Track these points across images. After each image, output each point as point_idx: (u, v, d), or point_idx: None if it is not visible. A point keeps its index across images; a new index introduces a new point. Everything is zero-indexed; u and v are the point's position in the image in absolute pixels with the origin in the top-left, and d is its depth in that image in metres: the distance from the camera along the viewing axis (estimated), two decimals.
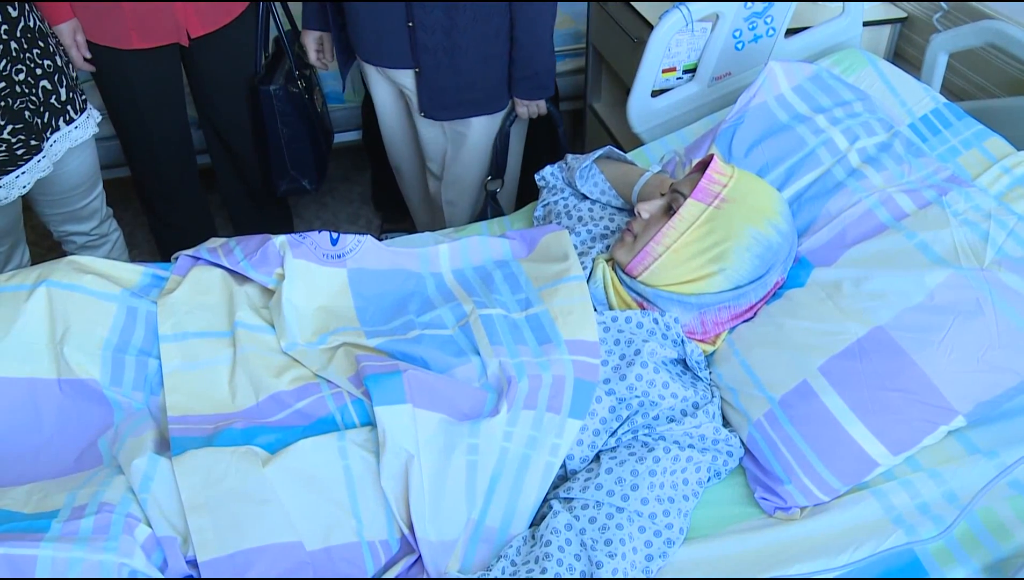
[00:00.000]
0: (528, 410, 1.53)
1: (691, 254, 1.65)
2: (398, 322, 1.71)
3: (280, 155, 2.91)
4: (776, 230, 1.66)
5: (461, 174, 2.73)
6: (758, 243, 1.64)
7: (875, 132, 1.93)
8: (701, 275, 1.66)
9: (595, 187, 2.04)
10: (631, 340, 1.62)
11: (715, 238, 1.64)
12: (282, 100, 2.79)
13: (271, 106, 2.78)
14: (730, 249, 1.63)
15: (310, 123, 2.92)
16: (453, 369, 1.58)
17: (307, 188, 3.02)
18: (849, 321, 1.55)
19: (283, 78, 2.80)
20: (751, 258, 1.64)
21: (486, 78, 2.47)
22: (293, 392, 1.57)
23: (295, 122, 2.86)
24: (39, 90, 2.16)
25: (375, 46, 2.48)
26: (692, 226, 1.65)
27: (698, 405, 1.59)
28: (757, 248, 1.64)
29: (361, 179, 4.01)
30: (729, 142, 1.99)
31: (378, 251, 1.84)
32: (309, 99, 2.89)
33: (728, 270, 1.64)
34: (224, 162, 3.03)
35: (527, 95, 2.53)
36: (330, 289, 1.78)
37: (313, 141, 2.96)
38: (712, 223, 1.64)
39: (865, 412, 1.48)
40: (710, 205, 1.65)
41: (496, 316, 1.66)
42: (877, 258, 1.64)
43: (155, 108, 2.68)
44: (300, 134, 2.90)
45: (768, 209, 1.67)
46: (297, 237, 1.80)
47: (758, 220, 1.65)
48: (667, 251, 1.66)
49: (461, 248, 1.90)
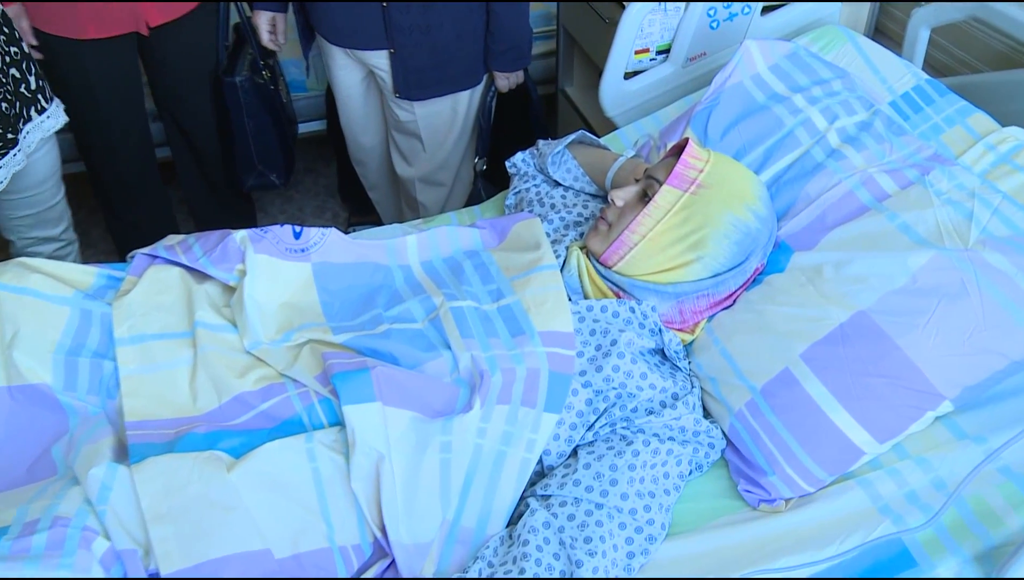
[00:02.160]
0: (502, 405, 1.53)
1: (668, 242, 1.65)
2: (366, 317, 1.70)
3: (246, 149, 2.88)
4: (755, 215, 1.65)
5: (448, 157, 2.73)
6: (737, 229, 1.64)
7: (855, 111, 1.93)
8: (678, 264, 1.65)
9: (568, 173, 2.03)
10: (607, 330, 1.62)
11: (692, 225, 1.63)
12: (247, 91, 2.76)
13: (236, 98, 2.75)
14: (708, 236, 1.63)
15: (276, 114, 2.89)
16: (423, 364, 1.57)
17: (275, 183, 2.99)
18: (831, 306, 1.55)
19: (247, 68, 2.76)
20: (730, 245, 1.64)
21: (462, 54, 2.48)
22: (258, 393, 1.55)
23: (261, 114, 2.83)
24: (9, 78, 2.12)
25: (346, 27, 2.46)
26: (668, 213, 1.64)
27: (677, 396, 1.59)
28: (736, 234, 1.64)
29: (327, 171, 3.99)
30: (704, 124, 1.98)
31: (344, 244, 1.83)
32: (275, 89, 2.86)
33: (706, 258, 1.64)
34: (185, 156, 2.99)
35: (507, 67, 2.55)
36: (294, 284, 1.76)
37: (280, 133, 2.93)
38: (689, 210, 1.64)
39: (849, 399, 1.48)
40: (686, 191, 1.65)
41: (467, 308, 1.65)
42: (858, 241, 1.64)
43: (112, 100, 2.63)
44: (266, 126, 2.87)
45: (746, 193, 1.66)
46: (259, 232, 1.78)
47: (736, 205, 1.64)
48: (643, 240, 1.66)
49: (430, 239, 1.90)
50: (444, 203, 2.87)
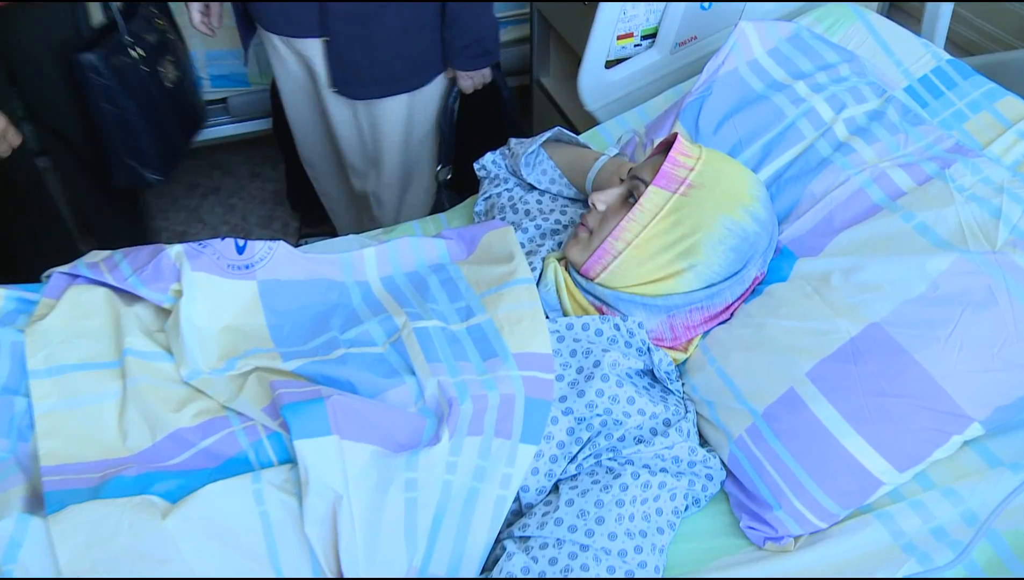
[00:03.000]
0: (473, 436, 1.52)
1: (656, 250, 1.65)
2: (319, 341, 1.69)
3: (110, 139, 2.78)
4: (753, 218, 1.65)
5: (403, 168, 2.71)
6: (732, 234, 1.64)
7: (865, 99, 1.93)
8: (668, 273, 1.65)
9: (543, 175, 2.04)
10: (589, 350, 1.62)
11: (683, 230, 1.63)
12: (104, 72, 2.65)
13: (88, 79, 2.64)
14: (700, 242, 1.63)
15: (150, 101, 2.78)
16: (385, 392, 1.57)
17: (150, 180, 2.89)
18: (840, 318, 1.55)
19: (109, 46, 2.66)
20: (725, 251, 1.64)
21: (409, 51, 2.43)
22: (197, 429, 1.54)
23: (124, 99, 2.72)
24: None
25: (278, 11, 2.42)
26: (656, 217, 1.64)
27: (670, 422, 1.58)
28: (731, 240, 1.64)
29: (274, 175, 4.00)
30: (695, 117, 1.99)
31: (293, 259, 1.82)
32: (151, 73, 2.76)
33: (699, 266, 1.64)
34: (62, 156, 2.92)
35: (469, 65, 2.51)
36: (238, 305, 1.75)
37: (155, 123, 2.83)
38: (679, 213, 1.64)
39: (863, 422, 1.47)
40: (675, 192, 1.65)
41: (432, 329, 1.65)
42: (870, 244, 1.64)
43: None
44: (132, 114, 2.76)
45: (742, 194, 1.66)
46: (197, 246, 1.77)
47: (731, 207, 1.64)
48: (628, 247, 1.66)
49: (390, 252, 1.89)
50: (399, 215, 2.86)
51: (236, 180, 4.00)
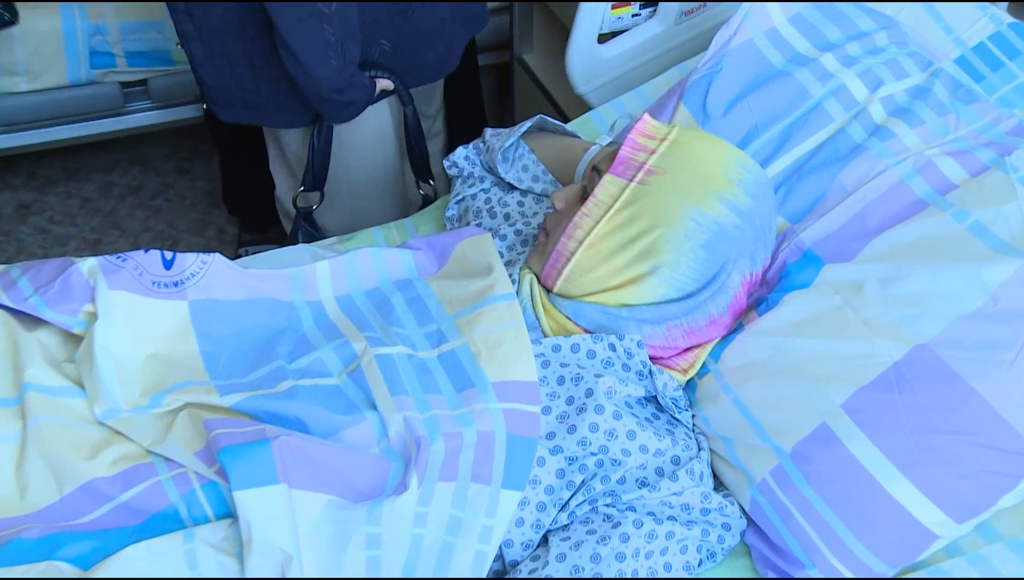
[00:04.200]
0: (446, 482, 1.52)
1: (611, 249, 1.65)
2: (263, 371, 1.69)
3: None
4: (730, 207, 1.64)
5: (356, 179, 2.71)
6: (701, 227, 1.62)
7: (907, 73, 1.93)
8: (628, 278, 1.65)
9: (525, 172, 2.04)
10: (580, 376, 1.62)
11: (641, 225, 1.63)
12: None
13: None
14: (662, 238, 1.62)
15: None
16: (342, 431, 1.57)
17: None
18: (880, 339, 1.55)
19: None
20: (693, 249, 1.63)
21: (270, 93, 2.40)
22: (115, 479, 1.52)
23: None
24: None
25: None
26: (610, 211, 1.65)
27: (679, 461, 1.58)
28: (700, 234, 1.62)
29: (206, 172, 4.00)
30: (703, 99, 1.99)
31: (232, 275, 1.81)
32: None
33: (663, 269, 1.63)
34: None
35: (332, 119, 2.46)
36: (165, 330, 1.74)
37: None
38: (636, 205, 1.64)
39: (911, 464, 1.46)
40: (631, 180, 1.65)
41: (398, 356, 1.65)
42: (914, 248, 1.64)
43: None
44: None
45: (715, 178, 1.65)
46: (114, 260, 1.75)
47: (698, 193, 1.63)
48: (580, 247, 1.66)
49: (347, 266, 1.89)
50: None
51: (160, 178, 3.99)
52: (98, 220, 3.82)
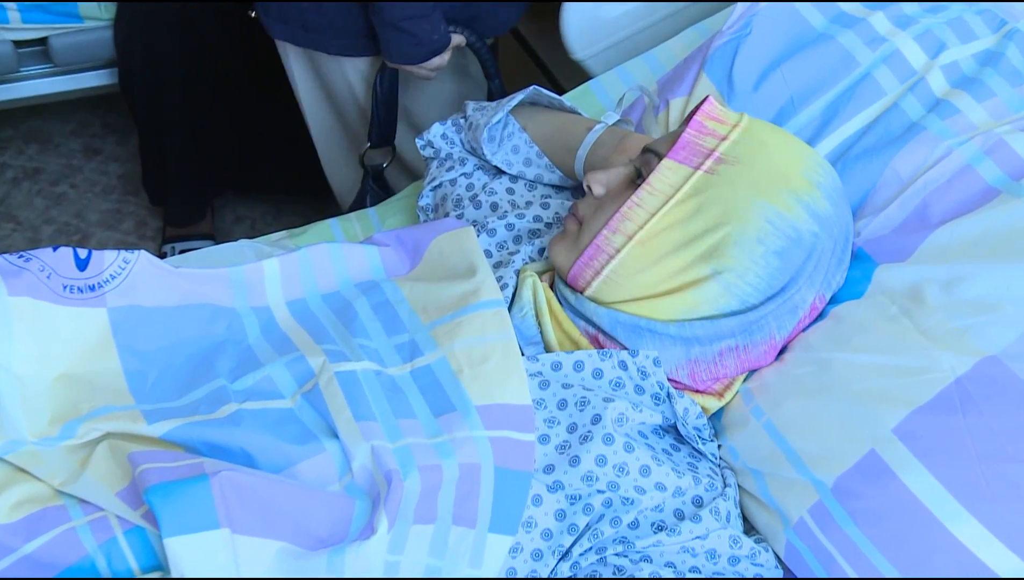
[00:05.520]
0: (423, 524, 1.53)
1: (668, 248, 1.64)
2: (200, 392, 1.69)
3: None
4: (809, 212, 1.64)
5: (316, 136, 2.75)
6: (776, 230, 1.62)
7: (975, 34, 1.94)
8: (684, 283, 1.64)
9: (515, 154, 2.05)
10: (585, 400, 1.62)
11: (706, 221, 1.63)
12: None
13: None
14: (730, 238, 1.62)
15: None
16: (296, 464, 1.57)
17: None
18: (940, 350, 1.55)
19: None
20: (765, 255, 1.62)
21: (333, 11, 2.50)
22: (17, 525, 1.52)
23: None
24: None
25: None
26: (669, 201, 1.64)
27: (702, 501, 1.59)
28: (775, 239, 1.62)
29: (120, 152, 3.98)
30: (728, 68, 2.00)
31: (160, 276, 1.81)
32: None
33: (727, 274, 1.62)
34: None
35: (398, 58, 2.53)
36: (80, 344, 1.74)
37: None
38: (702, 196, 1.63)
39: (976, 498, 1.46)
40: (698, 168, 1.65)
41: (363, 373, 1.66)
42: (982, 244, 1.64)
43: None
44: None
45: (793, 176, 1.65)
46: (15, 258, 1.74)
47: (776, 192, 1.63)
48: (629, 243, 1.65)
49: (301, 265, 1.89)
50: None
51: (65, 159, 3.96)
52: None
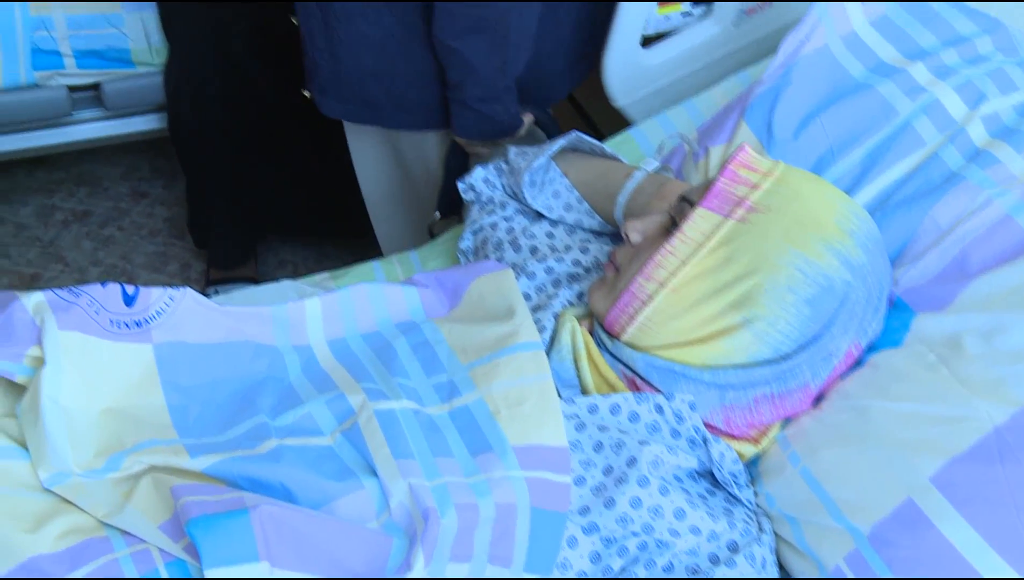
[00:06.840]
0: (459, 563, 1.53)
1: (699, 295, 1.64)
2: (241, 428, 1.69)
3: None
4: (840, 260, 1.63)
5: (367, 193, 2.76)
6: (807, 279, 1.61)
7: (1015, 85, 1.93)
8: (716, 330, 1.64)
9: (556, 199, 2.05)
10: (621, 443, 1.62)
11: (737, 269, 1.63)
12: None
13: None
14: (760, 287, 1.62)
15: None
16: (334, 500, 1.57)
17: None
18: (979, 399, 1.54)
19: None
20: (796, 303, 1.62)
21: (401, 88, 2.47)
22: (63, 555, 1.52)
23: None
24: None
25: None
26: (701, 249, 1.65)
27: (736, 546, 1.58)
28: (806, 287, 1.61)
29: (167, 196, 3.98)
30: (767, 116, 2.00)
31: (205, 313, 1.82)
32: None
33: (758, 323, 1.62)
34: None
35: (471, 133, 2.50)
36: (125, 379, 1.74)
37: None
38: (732, 245, 1.64)
39: (1014, 549, 1.45)
40: (729, 216, 1.65)
41: (401, 412, 1.66)
42: (1022, 294, 1.63)
43: None
44: None
45: (825, 224, 1.65)
46: (66, 294, 1.75)
47: (807, 240, 1.63)
48: (662, 290, 1.65)
49: (342, 305, 1.89)
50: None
51: (112, 202, 3.97)
52: (36, 251, 3.78)
